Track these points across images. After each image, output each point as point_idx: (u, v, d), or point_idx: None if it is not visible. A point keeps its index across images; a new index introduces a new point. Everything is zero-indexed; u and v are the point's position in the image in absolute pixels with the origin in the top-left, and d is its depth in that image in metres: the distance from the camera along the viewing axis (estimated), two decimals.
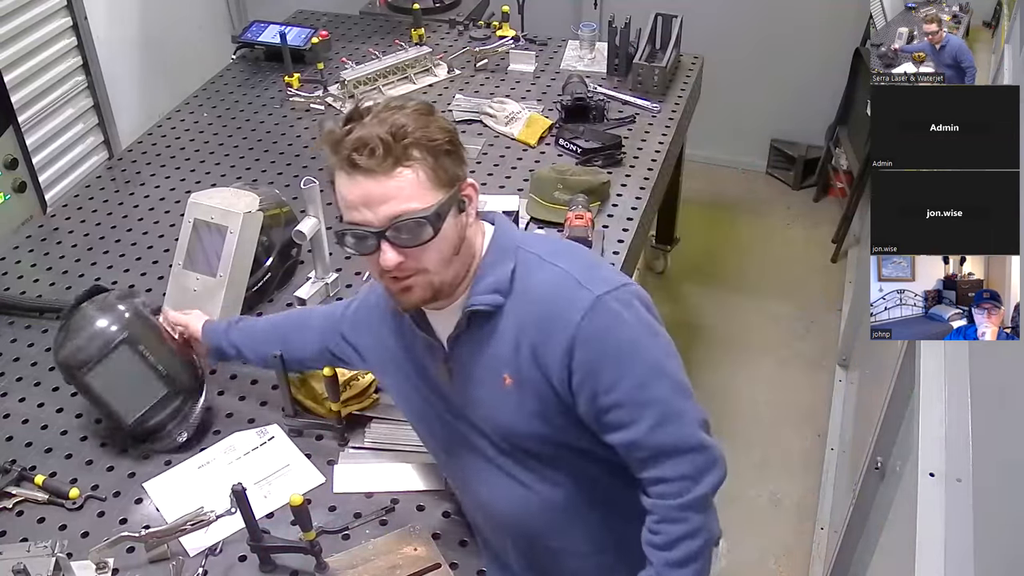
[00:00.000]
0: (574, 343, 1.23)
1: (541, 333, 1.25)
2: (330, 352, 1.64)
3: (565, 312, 1.24)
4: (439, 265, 1.25)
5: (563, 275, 1.27)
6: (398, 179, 1.20)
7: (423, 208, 1.20)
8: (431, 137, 1.21)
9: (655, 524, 1.28)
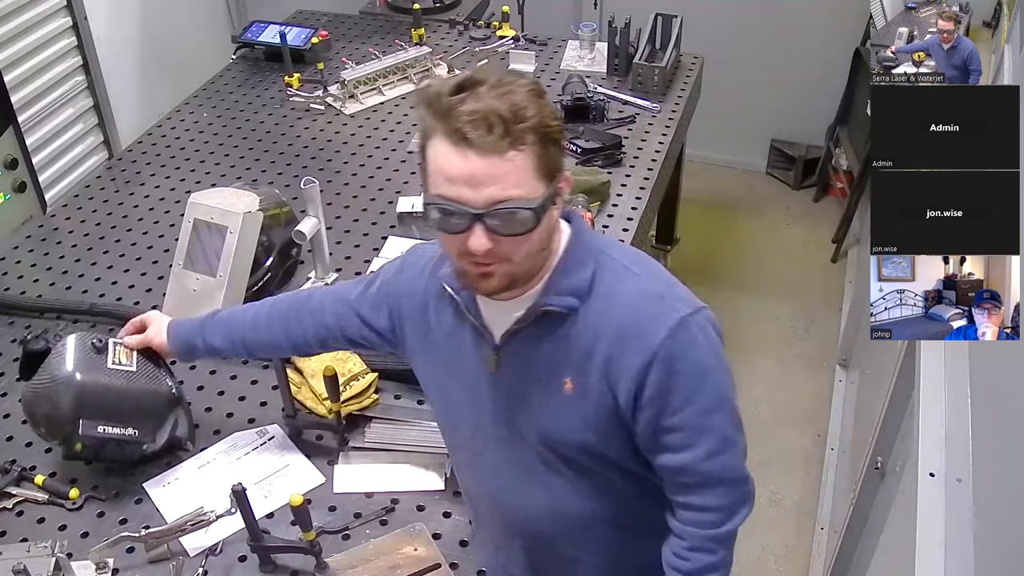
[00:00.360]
0: (653, 361, 1.19)
1: (619, 345, 1.21)
2: (344, 336, 1.53)
3: (649, 328, 1.20)
4: (526, 257, 1.18)
5: (649, 290, 1.23)
6: (509, 162, 1.11)
7: (529, 197, 1.13)
8: (546, 123, 1.13)
9: (685, 551, 1.28)
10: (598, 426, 1.25)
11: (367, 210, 2.43)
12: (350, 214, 2.41)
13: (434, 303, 1.36)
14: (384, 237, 2.28)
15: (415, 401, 1.83)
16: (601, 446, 1.28)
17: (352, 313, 1.50)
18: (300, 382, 1.84)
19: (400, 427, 1.75)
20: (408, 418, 1.77)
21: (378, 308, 1.46)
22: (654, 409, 1.22)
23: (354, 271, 2.19)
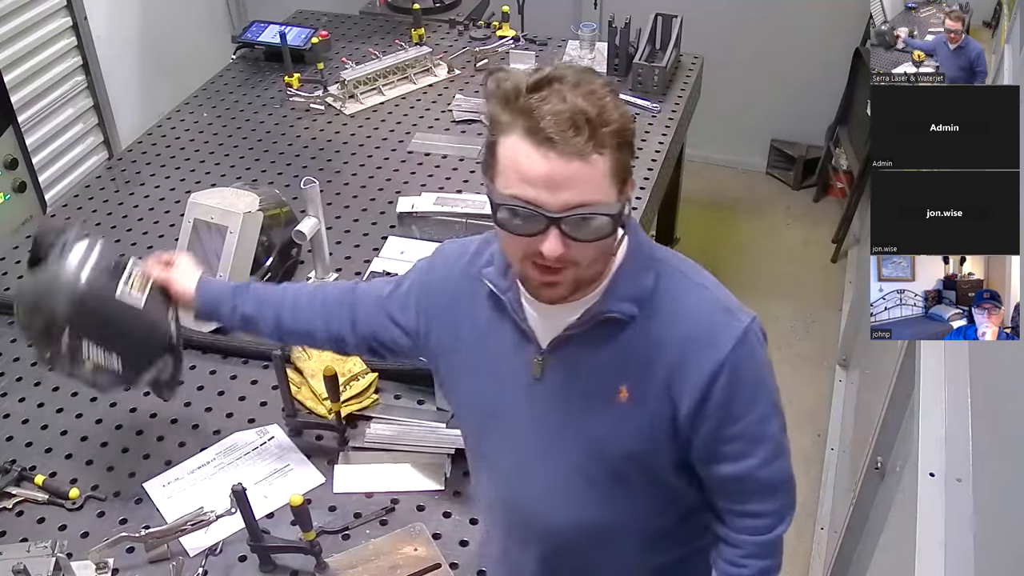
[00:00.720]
0: (720, 371, 1.18)
1: (686, 354, 1.19)
2: (376, 339, 1.45)
3: (717, 339, 1.19)
4: (594, 262, 1.15)
5: (713, 299, 1.23)
6: (590, 166, 1.06)
7: (607, 202, 1.09)
8: (625, 126, 1.09)
9: (741, 558, 1.29)
10: (651, 435, 1.23)
11: (367, 210, 2.43)
12: (350, 214, 2.41)
13: (467, 301, 1.31)
14: (384, 237, 2.28)
15: (415, 401, 1.83)
16: (648, 456, 1.25)
17: (383, 313, 1.43)
18: (300, 382, 1.84)
19: (400, 427, 1.75)
20: (408, 418, 1.77)
21: (406, 307, 1.40)
22: (717, 418, 1.21)
23: (354, 271, 2.19)
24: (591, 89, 1.07)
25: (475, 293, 1.29)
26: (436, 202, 2.25)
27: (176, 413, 1.85)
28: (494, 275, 1.25)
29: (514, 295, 1.24)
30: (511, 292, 1.24)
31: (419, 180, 2.53)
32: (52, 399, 1.89)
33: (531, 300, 1.23)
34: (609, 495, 1.29)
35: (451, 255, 1.37)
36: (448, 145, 2.67)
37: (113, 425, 1.83)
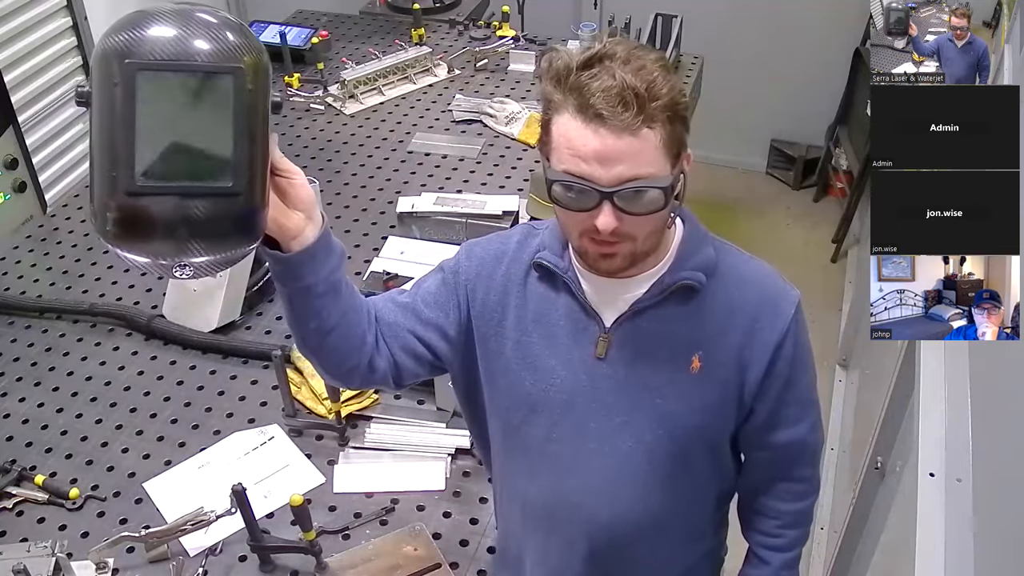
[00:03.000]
0: (787, 335, 1.26)
1: (756, 320, 1.26)
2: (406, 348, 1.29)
3: (781, 304, 1.27)
4: (649, 236, 1.17)
5: (767, 269, 1.31)
6: (641, 140, 1.08)
7: (659, 176, 1.10)
8: (677, 100, 1.10)
9: (779, 528, 1.42)
10: (721, 406, 1.28)
11: (367, 210, 2.43)
12: (350, 214, 2.41)
13: (518, 290, 1.29)
14: (384, 237, 2.28)
15: (415, 401, 1.83)
16: (715, 430, 1.31)
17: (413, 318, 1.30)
18: (300, 382, 1.84)
19: (400, 427, 1.75)
20: (408, 418, 1.77)
21: (442, 305, 1.31)
22: (780, 383, 1.28)
23: (354, 271, 2.19)
24: (641, 65, 1.08)
25: (526, 281, 1.28)
26: (436, 202, 2.25)
27: (176, 413, 1.85)
28: (551, 256, 1.26)
29: (573, 275, 1.25)
30: (570, 272, 1.25)
31: (419, 180, 2.53)
32: (52, 399, 1.89)
33: (591, 279, 1.24)
34: (671, 478, 1.30)
35: (490, 244, 1.33)
36: (448, 145, 2.67)
37: (113, 425, 1.83)
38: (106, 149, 1.00)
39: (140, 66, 0.99)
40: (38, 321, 2.10)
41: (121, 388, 1.92)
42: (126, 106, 0.99)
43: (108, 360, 1.99)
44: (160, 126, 1.01)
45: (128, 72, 0.99)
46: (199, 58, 1.01)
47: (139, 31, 1.01)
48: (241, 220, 1.05)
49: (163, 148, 1.01)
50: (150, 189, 0.99)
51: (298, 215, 1.14)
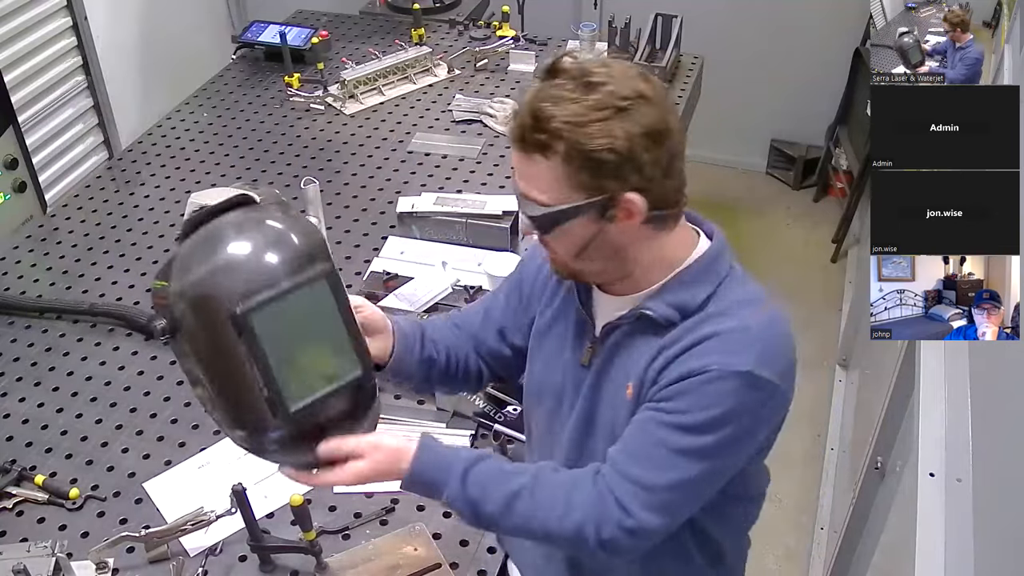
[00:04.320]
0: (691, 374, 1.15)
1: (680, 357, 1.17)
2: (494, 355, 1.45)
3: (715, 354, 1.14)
4: (566, 257, 1.20)
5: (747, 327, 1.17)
6: (534, 163, 1.13)
7: (548, 203, 1.13)
8: (581, 143, 1.09)
9: (520, 474, 1.23)
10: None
11: (367, 210, 2.43)
12: (350, 214, 2.41)
13: (553, 289, 1.36)
14: (384, 237, 2.28)
15: (415, 401, 1.83)
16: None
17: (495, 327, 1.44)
18: None
19: (400, 427, 1.75)
20: (408, 418, 1.77)
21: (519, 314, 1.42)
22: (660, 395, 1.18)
23: (354, 271, 2.19)
24: (562, 95, 1.09)
25: (560, 281, 1.34)
26: (436, 202, 2.25)
27: (176, 413, 1.85)
28: None
29: (583, 284, 1.29)
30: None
31: (419, 180, 2.53)
32: (52, 399, 1.89)
33: (596, 291, 1.28)
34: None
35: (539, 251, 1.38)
36: (448, 145, 2.67)
37: (113, 425, 1.83)
38: (241, 387, 1.09)
39: (249, 310, 1.05)
40: (38, 321, 2.10)
41: (121, 388, 1.92)
42: (253, 350, 1.06)
43: (108, 360, 1.99)
44: (284, 352, 1.08)
45: (243, 322, 1.05)
46: (294, 277, 1.09)
47: (228, 268, 1.08)
48: (373, 388, 1.21)
49: (296, 370, 1.10)
50: (300, 413, 1.10)
51: (379, 337, 1.31)
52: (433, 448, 1.22)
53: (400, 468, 1.20)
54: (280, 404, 1.08)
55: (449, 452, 1.23)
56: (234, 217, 1.14)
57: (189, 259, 1.10)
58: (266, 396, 1.08)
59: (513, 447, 1.70)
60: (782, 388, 1.18)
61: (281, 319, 1.07)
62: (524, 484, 1.20)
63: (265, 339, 1.06)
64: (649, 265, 1.21)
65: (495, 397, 1.75)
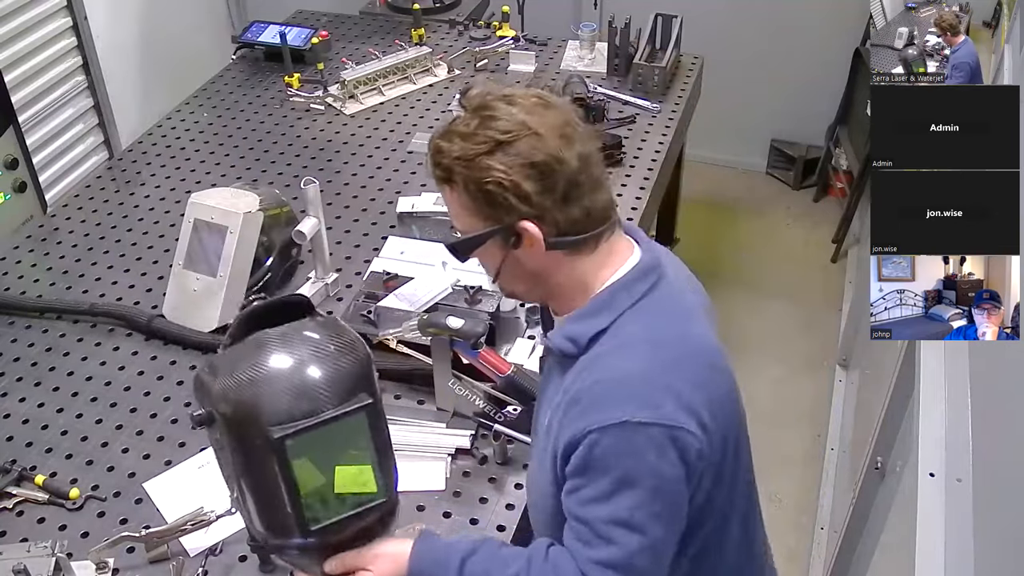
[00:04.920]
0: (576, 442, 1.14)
1: (568, 413, 1.16)
2: None
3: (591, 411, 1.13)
4: (503, 281, 1.27)
5: (623, 376, 1.15)
6: (445, 194, 1.21)
7: (460, 229, 1.22)
8: (472, 179, 1.15)
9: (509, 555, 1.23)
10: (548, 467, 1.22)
11: (367, 210, 2.43)
12: (350, 214, 2.41)
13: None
14: (384, 237, 2.28)
15: (415, 401, 1.83)
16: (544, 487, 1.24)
17: None
18: None
19: (400, 427, 1.75)
20: (408, 418, 1.77)
21: None
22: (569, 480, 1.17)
23: (354, 271, 2.19)
24: (456, 131, 1.16)
25: None
26: (436, 202, 2.25)
27: (176, 413, 1.85)
28: None
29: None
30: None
31: (419, 180, 2.53)
32: (52, 399, 1.89)
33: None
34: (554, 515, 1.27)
35: None
36: None
37: (113, 425, 1.83)
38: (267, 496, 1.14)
39: (286, 436, 1.09)
40: (38, 321, 2.10)
41: (121, 388, 1.92)
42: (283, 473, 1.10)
43: (108, 360, 1.99)
44: (313, 476, 1.13)
45: (279, 446, 1.09)
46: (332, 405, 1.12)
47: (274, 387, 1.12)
48: (393, 508, 1.23)
49: (322, 494, 1.14)
50: (319, 532, 1.15)
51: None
52: (428, 547, 1.24)
53: (400, 573, 1.23)
54: (300, 522, 1.13)
55: (445, 547, 1.24)
56: (287, 330, 1.19)
57: (238, 362, 1.15)
58: (289, 512, 1.13)
59: (513, 447, 1.70)
60: (677, 425, 1.12)
61: (316, 446, 1.12)
62: (519, 571, 1.19)
63: (297, 465, 1.11)
64: (571, 289, 1.23)
65: (495, 397, 1.75)
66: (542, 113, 1.16)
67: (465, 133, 1.15)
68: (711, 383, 1.19)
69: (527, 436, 1.66)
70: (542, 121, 1.15)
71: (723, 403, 1.21)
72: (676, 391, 1.14)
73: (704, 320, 1.28)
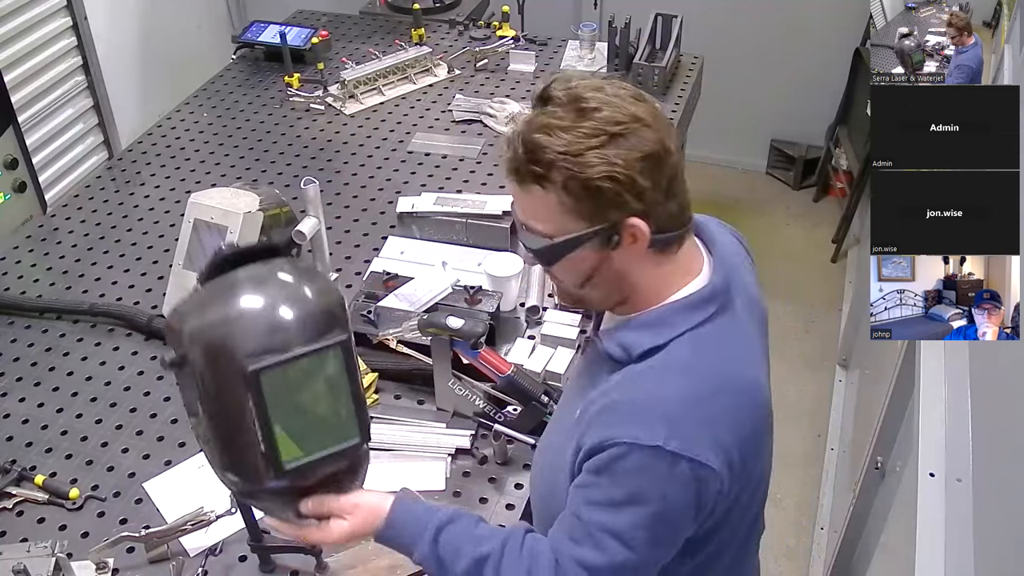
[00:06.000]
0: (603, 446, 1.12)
1: (601, 416, 1.14)
2: None
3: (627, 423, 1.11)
4: (574, 286, 1.19)
5: (663, 399, 1.13)
6: (530, 194, 1.11)
7: (546, 233, 1.12)
8: (578, 173, 1.07)
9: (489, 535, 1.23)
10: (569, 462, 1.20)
11: (367, 210, 2.43)
12: (350, 214, 2.41)
13: None
14: (384, 237, 2.28)
15: (415, 401, 1.83)
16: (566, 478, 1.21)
17: None
18: None
19: (400, 427, 1.75)
20: (408, 418, 1.77)
21: None
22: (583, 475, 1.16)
23: (354, 271, 2.19)
24: (556, 123, 1.07)
25: None
26: (436, 202, 2.25)
27: (176, 413, 1.85)
28: None
29: None
30: None
31: (419, 180, 2.53)
32: (52, 399, 1.89)
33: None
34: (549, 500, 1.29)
35: None
36: (448, 145, 2.67)
37: (113, 425, 1.83)
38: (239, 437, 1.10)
39: (260, 369, 1.06)
40: (38, 321, 2.10)
41: (121, 388, 1.92)
42: (257, 408, 1.07)
43: (108, 360, 1.99)
44: (287, 413, 1.10)
45: (252, 380, 1.06)
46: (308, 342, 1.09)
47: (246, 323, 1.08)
48: (366, 453, 1.22)
49: (296, 431, 1.11)
50: (293, 472, 1.11)
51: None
52: (407, 508, 1.23)
53: (376, 526, 1.21)
54: (274, 461, 1.10)
55: (424, 511, 1.23)
56: (258, 270, 1.14)
57: (209, 302, 1.12)
58: (262, 451, 1.10)
59: (513, 447, 1.69)
60: (703, 463, 1.10)
61: (289, 382, 1.09)
62: (492, 552, 1.19)
63: (271, 399, 1.07)
64: (643, 294, 1.19)
65: (495, 397, 1.75)
66: (642, 103, 1.11)
67: (567, 126, 1.07)
68: (748, 422, 1.17)
69: (527, 436, 1.66)
70: (647, 111, 1.10)
71: (756, 442, 1.20)
72: (712, 427, 1.12)
73: (758, 356, 1.25)
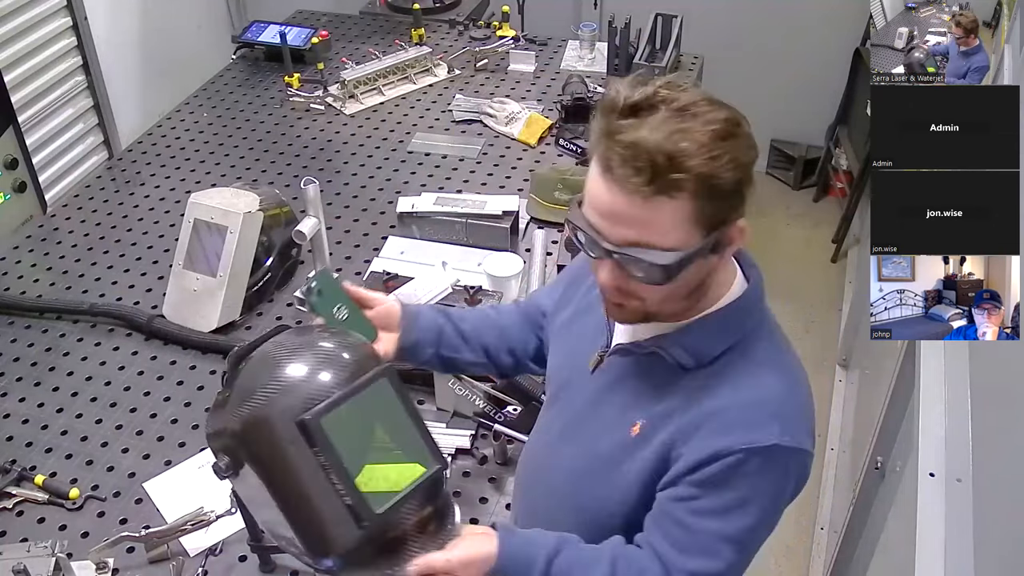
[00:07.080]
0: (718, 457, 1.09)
1: (702, 428, 1.11)
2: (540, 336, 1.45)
3: (739, 429, 1.09)
4: (659, 302, 1.10)
5: (768, 397, 1.12)
6: (653, 208, 1.01)
7: (669, 247, 1.03)
8: (715, 175, 1.03)
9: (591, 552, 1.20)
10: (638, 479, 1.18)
11: (367, 210, 2.43)
12: (350, 214, 2.41)
13: (590, 282, 1.29)
14: (384, 237, 2.29)
15: (415, 401, 1.82)
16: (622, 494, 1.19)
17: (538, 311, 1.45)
18: None
19: None
20: None
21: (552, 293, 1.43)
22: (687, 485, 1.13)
23: (354, 271, 2.19)
24: (684, 127, 1.01)
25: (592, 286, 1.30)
26: (436, 202, 2.25)
27: (176, 413, 1.85)
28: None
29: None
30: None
31: (419, 180, 2.53)
32: (52, 399, 1.89)
33: None
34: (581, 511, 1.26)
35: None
36: (448, 145, 2.67)
37: (113, 425, 1.83)
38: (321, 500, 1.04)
39: (317, 415, 1.03)
40: (38, 321, 2.10)
41: (121, 388, 1.92)
42: (328, 454, 1.03)
43: (108, 360, 1.99)
44: (358, 453, 1.06)
45: (314, 427, 1.02)
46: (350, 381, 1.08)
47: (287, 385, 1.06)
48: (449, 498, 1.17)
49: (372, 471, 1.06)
50: (386, 514, 1.05)
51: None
52: (512, 544, 1.16)
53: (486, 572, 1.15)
54: (364, 507, 1.03)
55: (529, 544, 1.18)
56: (280, 341, 1.13)
57: (239, 392, 1.09)
58: (348, 503, 1.03)
59: (513, 447, 1.69)
60: (807, 450, 1.13)
61: (347, 424, 1.05)
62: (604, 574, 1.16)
63: (337, 444, 1.03)
64: (701, 299, 1.15)
65: (495, 397, 1.75)
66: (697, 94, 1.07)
67: (684, 129, 1.01)
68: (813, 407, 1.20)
69: (527, 436, 1.66)
70: (730, 111, 1.10)
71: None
72: (807, 414, 1.15)
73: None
